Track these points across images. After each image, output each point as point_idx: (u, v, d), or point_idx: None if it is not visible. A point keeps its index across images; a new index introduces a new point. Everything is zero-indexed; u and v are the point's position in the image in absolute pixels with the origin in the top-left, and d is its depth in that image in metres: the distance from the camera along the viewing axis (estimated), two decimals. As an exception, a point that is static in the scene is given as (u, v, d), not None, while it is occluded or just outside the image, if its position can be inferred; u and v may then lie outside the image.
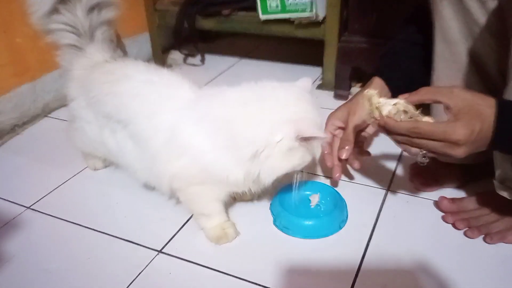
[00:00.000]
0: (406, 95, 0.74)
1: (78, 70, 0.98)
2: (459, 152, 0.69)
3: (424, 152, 0.73)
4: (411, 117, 0.71)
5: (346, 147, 0.91)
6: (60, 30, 0.97)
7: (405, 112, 0.71)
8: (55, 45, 1.00)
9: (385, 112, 0.72)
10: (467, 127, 0.66)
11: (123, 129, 0.90)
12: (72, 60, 1.00)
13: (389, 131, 0.73)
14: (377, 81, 0.96)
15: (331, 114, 0.98)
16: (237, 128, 0.77)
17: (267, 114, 0.76)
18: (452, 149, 0.68)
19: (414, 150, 0.73)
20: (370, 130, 0.96)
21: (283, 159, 0.77)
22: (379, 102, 0.73)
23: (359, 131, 0.95)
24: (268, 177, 0.79)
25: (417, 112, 0.72)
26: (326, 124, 0.96)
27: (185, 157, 0.82)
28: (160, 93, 0.87)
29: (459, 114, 0.67)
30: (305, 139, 0.75)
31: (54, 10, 0.94)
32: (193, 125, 0.81)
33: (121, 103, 0.89)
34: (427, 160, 0.74)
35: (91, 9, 0.98)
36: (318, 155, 0.84)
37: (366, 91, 0.76)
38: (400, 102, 0.72)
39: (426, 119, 0.71)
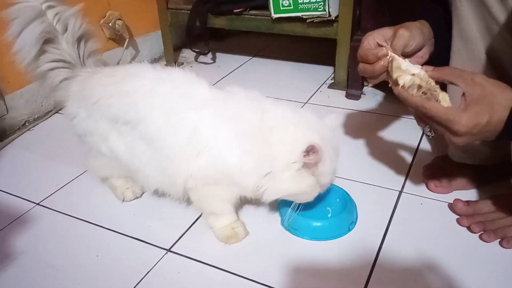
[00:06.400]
0: (430, 67, 0.73)
1: (74, 87, 0.94)
2: (458, 141, 0.70)
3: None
4: (424, 93, 0.71)
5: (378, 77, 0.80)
6: (52, 69, 0.95)
7: (420, 87, 0.71)
8: (52, 87, 0.97)
9: (401, 82, 0.73)
10: (473, 119, 0.66)
11: (132, 130, 0.86)
12: (68, 87, 0.95)
13: (402, 100, 0.74)
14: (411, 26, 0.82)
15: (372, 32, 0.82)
16: (273, 141, 0.79)
17: (295, 136, 0.79)
18: (451, 136, 0.70)
19: (422, 123, 0.75)
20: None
21: (291, 181, 0.79)
22: (399, 66, 0.73)
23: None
24: (271, 195, 0.82)
25: (436, 86, 0.71)
26: (364, 39, 0.81)
27: (205, 156, 0.81)
28: (178, 90, 0.85)
29: (470, 104, 0.67)
30: (311, 161, 0.77)
31: (42, 52, 0.93)
32: (219, 125, 0.81)
33: (130, 102, 0.85)
34: (433, 134, 0.75)
35: (78, 41, 0.97)
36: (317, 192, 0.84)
37: (390, 55, 0.75)
38: (421, 74, 0.72)
39: (442, 95, 0.71)
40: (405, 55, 0.79)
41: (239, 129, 0.81)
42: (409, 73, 0.72)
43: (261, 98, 0.86)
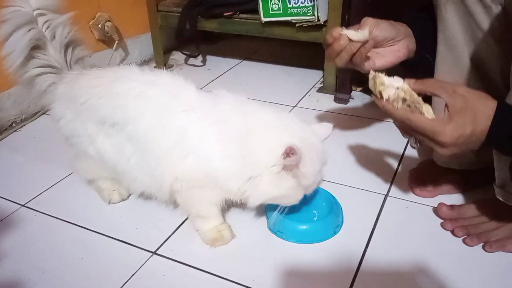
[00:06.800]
0: (412, 80, 0.74)
1: (61, 88, 0.93)
2: (444, 152, 0.70)
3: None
4: (408, 105, 0.72)
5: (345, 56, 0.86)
6: (39, 74, 0.95)
7: (404, 100, 0.72)
8: (40, 93, 0.97)
9: (385, 95, 0.73)
10: (458, 130, 0.67)
11: (120, 132, 0.86)
12: (55, 90, 0.95)
13: (386, 114, 0.75)
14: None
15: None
16: (254, 145, 0.80)
17: (274, 139, 0.80)
18: (437, 147, 0.71)
19: (407, 135, 0.76)
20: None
21: (271, 184, 0.80)
22: (382, 83, 0.74)
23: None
24: (255, 200, 0.82)
25: (419, 98, 0.72)
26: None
27: (191, 158, 0.81)
28: (167, 93, 0.85)
29: (454, 115, 0.68)
30: (290, 163, 0.77)
31: (30, 57, 0.93)
32: (205, 127, 0.81)
33: (119, 104, 0.85)
34: (419, 146, 0.76)
35: (66, 47, 0.97)
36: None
37: (372, 72, 0.76)
38: (404, 88, 0.73)
39: (425, 107, 0.72)
40: (378, 46, 0.83)
41: (224, 133, 0.81)
42: (393, 87, 0.73)
43: (247, 102, 0.87)
